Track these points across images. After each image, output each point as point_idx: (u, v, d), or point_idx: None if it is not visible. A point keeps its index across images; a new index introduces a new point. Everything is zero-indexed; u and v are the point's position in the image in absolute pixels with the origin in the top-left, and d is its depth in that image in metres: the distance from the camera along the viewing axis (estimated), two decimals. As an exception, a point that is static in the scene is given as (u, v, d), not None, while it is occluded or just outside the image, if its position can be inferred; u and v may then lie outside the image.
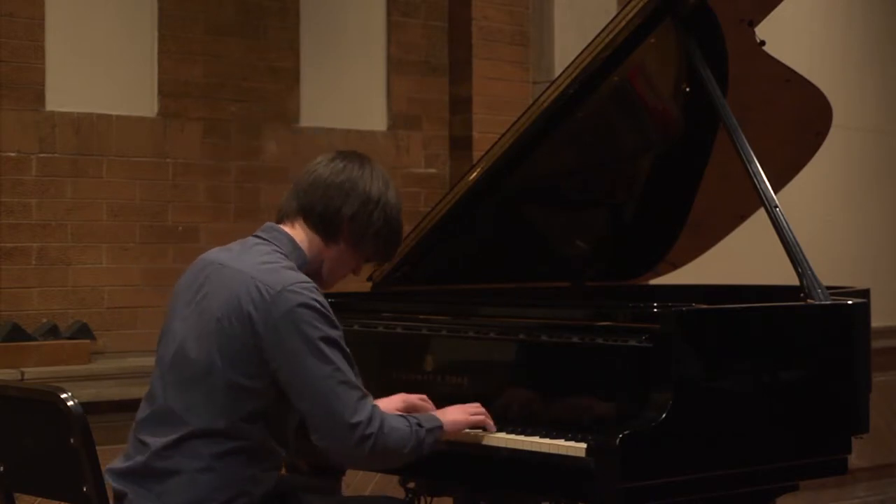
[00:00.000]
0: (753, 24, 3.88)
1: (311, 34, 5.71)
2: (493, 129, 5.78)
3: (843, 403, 3.39)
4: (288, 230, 3.11)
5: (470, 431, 3.17)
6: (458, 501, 3.75)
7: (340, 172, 3.12)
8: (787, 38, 5.99)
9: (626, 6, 3.64)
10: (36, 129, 5.00)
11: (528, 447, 3.11)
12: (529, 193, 4.12)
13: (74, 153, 5.08)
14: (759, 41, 3.90)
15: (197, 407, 2.93)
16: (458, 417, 3.14)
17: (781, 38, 4.52)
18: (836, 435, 3.36)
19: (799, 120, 4.20)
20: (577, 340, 3.22)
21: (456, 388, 3.41)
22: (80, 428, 2.87)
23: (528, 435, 3.16)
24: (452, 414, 3.15)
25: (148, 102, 5.28)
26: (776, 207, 3.53)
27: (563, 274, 4.37)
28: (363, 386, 2.97)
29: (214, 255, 3.10)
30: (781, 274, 3.67)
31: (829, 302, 3.40)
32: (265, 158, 5.55)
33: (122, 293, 5.18)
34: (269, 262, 3.00)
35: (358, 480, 5.23)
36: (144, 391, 3.07)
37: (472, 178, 3.87)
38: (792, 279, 3.47)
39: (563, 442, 3.06)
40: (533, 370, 3.35)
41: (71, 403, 2.88)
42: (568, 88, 3.68)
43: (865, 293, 3.66)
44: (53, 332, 4.90)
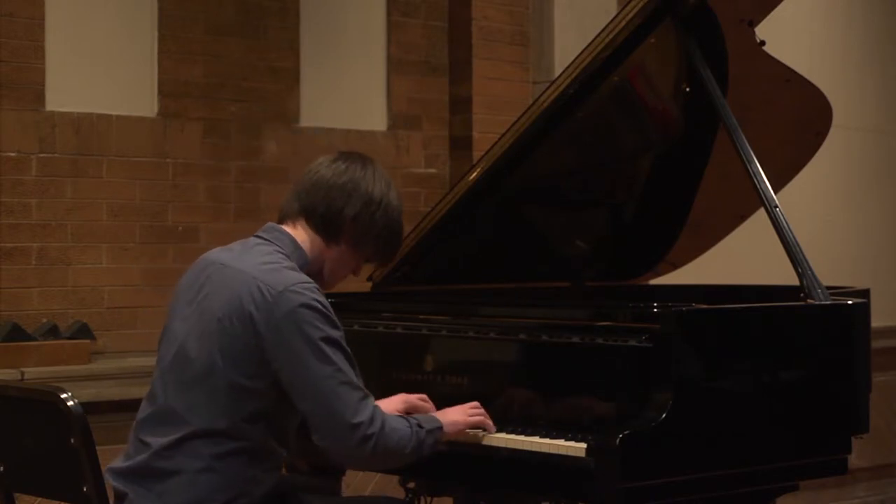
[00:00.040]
0: (753, 24, 3.88)
1: (311, 34, 5.71)
2: (493, 129, 5.77)
3: (843, 403, 3.39)
4: (289, 231, 3.11)
5: (469, 431, 3.17)
6: (458, 501, 3.75)
7: (343, 173, 3.12)
8: (787, 38, 5.99)
9: (626, 6, 3.64)
10: (36, 129, 5.00)
11: (528, 447, 3.11)
12: (529, 193, 4.12)
13: (74, 153, 5.08)
14: (759, 41, 3.90)
15: (198, 407, 2.93)
16: (457, 418, 3.14)
17: (781, 38, 4.52)
18: (836, 435, 3.36)
19: (799, 120, 4.20)
20: (577, 340, 3.22)
21: (456, 388, 3.41)
22: (80, 428, 2.87)
23: (528, 435, 3.15)
24: (452, 415, 3.15)
25: (148, 102, 5.28)
26: (776, 207, 3.53)
27: (563, 274, 4.37)
28: (364, 386, 2.97)
29: (216, 255, 3.10)
30: (781, 274, 3.67)
31: (829, 302, 3.40)
32: (265, 158, 5.55)
33: (122, 293, 5.18)
34: (270, 262, 3.00)
35: (358, 480, 5.23)
36: (144, 391, 3.07)
37: (472, 178, 3.87)
38: (792, 279, 3.47)
39: (563, 442, 3.06)
40: (533, 370, 3.35)
41: (71, 403, 2.88)
42: (568, 88, 3.68)
43: (865, 293, 3.66)
44: (53, 332, 4.90)
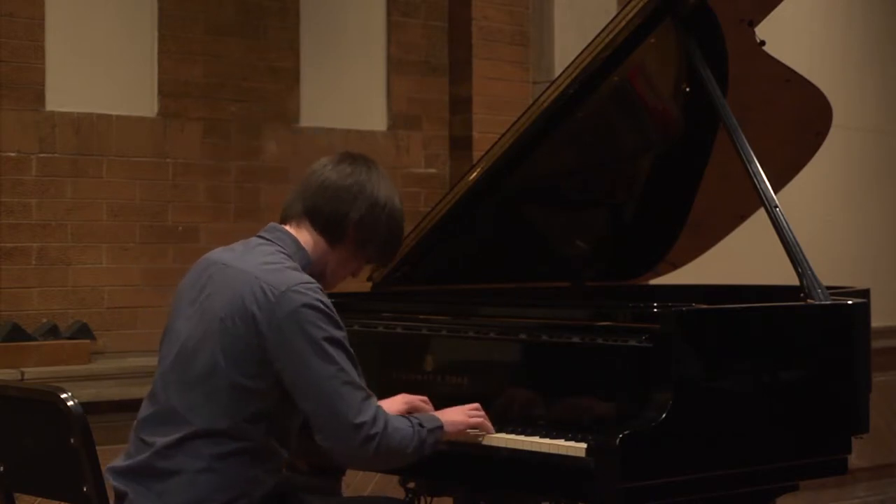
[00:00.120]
0: (753, 24, 3.88)
1: (311, 34, 5.71)
2: (493, 129, 5.77)
3: (843, 403, 3.39)
4: (292, 231, 3.10)
5: (470, 431, 3.17)
6: (458, 501, 3.75)
7: (348, 176, 3.11)
8: (787, 38, 5.99)
9: (626, 6, 3.64)
10: (36, 129, 5.00)
11: (528, 447, 3.11)
12: (529, 193, 4.12)
13: (74, 153, 5.07)
14: (759, 41, 3.90)
15: (199, 407, 2.93)
16: (457, 418, 3.14)
17: (781, 38, 4.52)
18: (836, 435, 3.36)
19: (799, 120, 4.20)
20: (577, 340, 3.22)
21: (456, 388, 3.41)
22: (80, 428, 2.87)
23: (528, 435, 3.15)
24: (452, 415, 3.15)
25: (148, 102, 5.28)
26: (776, 207, 3.53)
27: (563, 274, 4.37)
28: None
29: (218, 254, 3.10)
30: (781, 274, 3.67)
31: (829, 302, 3.40)
32: (265, 158, 5.55)
33: (122, 293, 5.17)
34: (272, 262, 3.00)
35: (358, 480, 5.23)
36: (145, 391, 3.07)
37: (472, 178, 3.87)
38: (792, 279, 3.47)
39: (563, 442, 3.06)
40: (533, 370, 3.34)
41: (71, 403, 2.88)
42: (568, 88, 3.68)
43: (865, 293, 3.66)
44: (53, 332, 4.90)
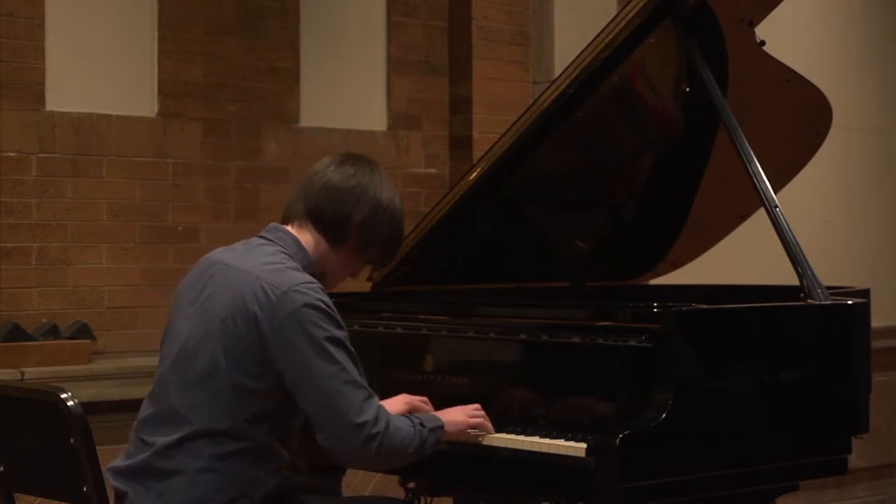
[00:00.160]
0: (753, 24, 3.88)
1: (311, 34, 5.71)
2: (493, 129, 5.77)
3: (843, 403, 3.39)
4: (293, 232, 3.10)
5: (470, 431, 3.17)
6: (458, 501, 3.75)
7: (351, 178, 3.11)
8: (787, 38, 5.99)
9: (626, 6, 3.64)
10: (36, 129, 5.00)
11: (528, 447, 3.11)
12: (529, 193, 4.12)
13: (74, 153, 5.07)
14: (759, 41, 3.90)
15: (200, 407, 2.93)
16: (457, 418, 3.15)
17: (781, 38, 4.52)
18: (836, 435, 3.36)
19: (799, 120, 4.20)
20: (577, 340, 3.22)
21: (456, 388, 3.41)
22: (80, 428, 2.87)
23: (528, 435, 3.15)
24: (453, 414, 3.15)
25: (148, 102, 5.28)
26: (776, 207, 3.53)
27: (563, 274, 4.37)
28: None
29: (218, 255, 3.10)
30: (781, 274, 3.67)
31: (829, 302, 3.40)
32: (265, 158, 5.55)
33: (122, 293, 5.17)
34: (273, 262, 3.00)
35: (358, 480, 5.23)
36: (145, 391, 3.07)
37: (472, 178, 3.87)
38: (792, 279, 3.46)
39: (563, 442, 3.06)
40: (533, 370, 3.34)
41: (71, 403, 2.88)
42: (568, 88, 3.68)
43: (865, 293, 3.66)
44: (53, 332, 4.90)
